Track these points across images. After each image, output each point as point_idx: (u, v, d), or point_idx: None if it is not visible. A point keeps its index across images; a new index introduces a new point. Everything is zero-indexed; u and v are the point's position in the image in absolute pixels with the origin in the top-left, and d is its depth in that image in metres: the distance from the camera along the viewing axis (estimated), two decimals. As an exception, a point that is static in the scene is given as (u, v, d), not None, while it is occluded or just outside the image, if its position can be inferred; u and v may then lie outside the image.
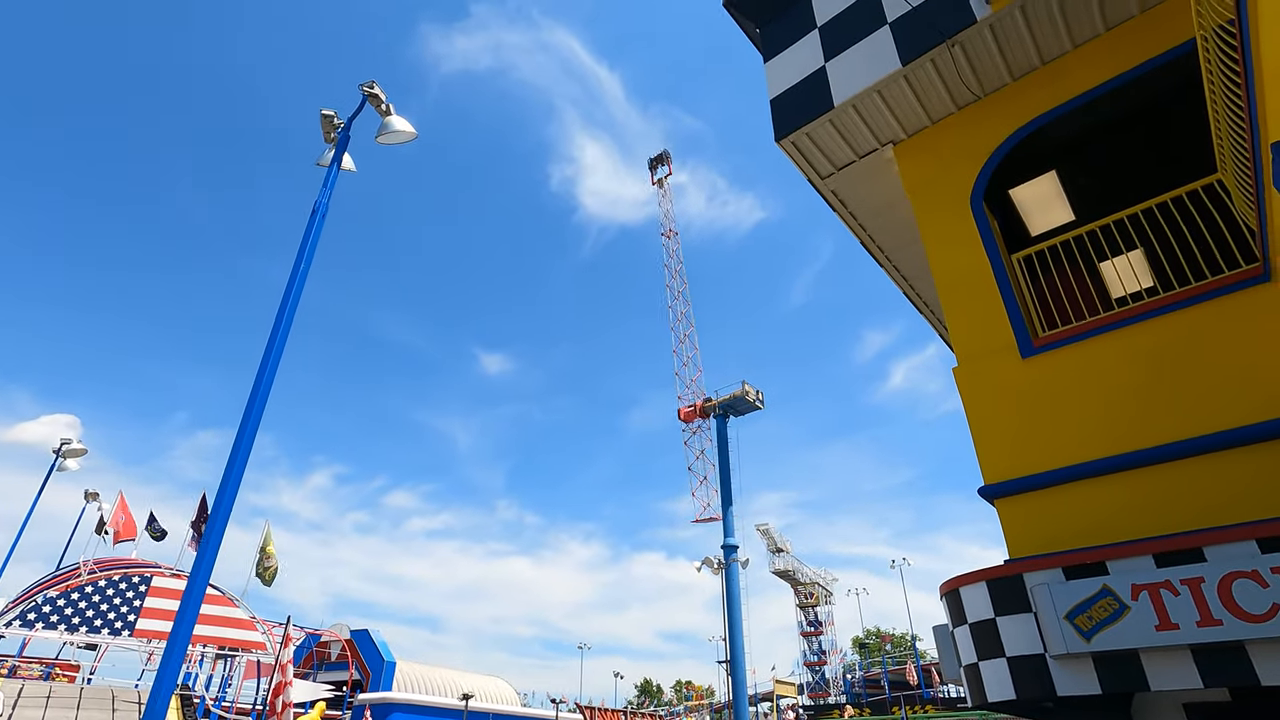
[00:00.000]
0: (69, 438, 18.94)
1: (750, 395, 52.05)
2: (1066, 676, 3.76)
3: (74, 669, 33.96)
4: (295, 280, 6.32)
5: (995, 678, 4.09)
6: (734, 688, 42.76)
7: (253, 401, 5.76)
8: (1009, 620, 4.12)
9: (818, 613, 64.48)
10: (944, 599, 4.67)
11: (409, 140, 7.34)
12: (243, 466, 5.57)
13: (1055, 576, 3.99)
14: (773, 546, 64.24)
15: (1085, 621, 3.72)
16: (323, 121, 7.30)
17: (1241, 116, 3.61)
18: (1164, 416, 4.42)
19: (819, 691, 60.60)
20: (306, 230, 6.65)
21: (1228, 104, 3.74)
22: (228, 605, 19.61)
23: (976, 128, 6.37)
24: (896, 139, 6.83)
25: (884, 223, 7.83)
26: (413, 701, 31.91)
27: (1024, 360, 5.15)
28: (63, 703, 20.56)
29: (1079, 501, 4.51)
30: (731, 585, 45.97)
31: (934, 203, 6.35)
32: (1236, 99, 3.60)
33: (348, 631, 34.90)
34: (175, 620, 5.06)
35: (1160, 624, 3.50)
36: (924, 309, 9.46)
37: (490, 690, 38.22)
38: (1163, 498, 4.22)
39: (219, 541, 5.36)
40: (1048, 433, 4.81)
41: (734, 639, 44.32)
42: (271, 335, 5.95)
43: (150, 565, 20.30)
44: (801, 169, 7.26)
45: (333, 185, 6.96)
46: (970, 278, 5.74)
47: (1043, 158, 6.62)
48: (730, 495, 50.08)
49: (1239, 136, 3.78)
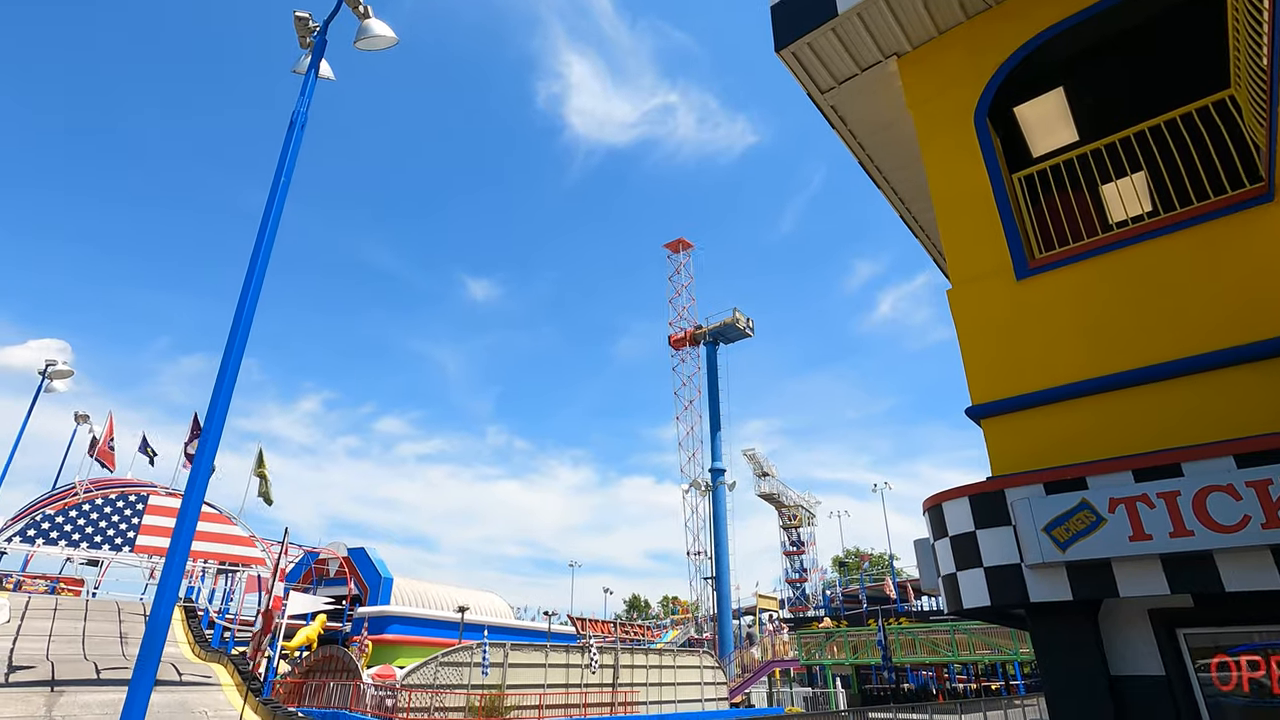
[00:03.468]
0: (54, 360, 18.78)
1: (741, 322, 52.18)
2: (1040, 584, 3.92)
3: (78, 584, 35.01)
4: (275, 195, 6.12)
5: (972, 586, 4.27)
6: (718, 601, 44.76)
7: (238, 319, 5.68)
8: (988, 533, 4.26)
9: (800, 534, 66.99)
10: (926, 513, 4.81)
11: (389, 46, 6.96)
12: (232, 384, 5.55)
13: (1036, 491, 4.10)
14: (758, 471, 65.98)
15: (1062, 533, 3.85)
16: (296, 24, 6.90)
17: (1262, 25, 3.46)
18: (1154, 338, 4.44)
19: (800, 606, 63.68)
20: (285, 142, 6.40)
21: (1250, 12, 3.57)
22: (226, 523, 20.05)
23: (984, 40, 6.10)
24: (901, 51, 6.55)
25: (883, 141, 7.61)
26: (410, 614, 33.25)
27: (1018, 282, 5.12)
28: (70, 614, 21.24)
29: (1064, 421, 4.58)
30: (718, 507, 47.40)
31: (936, 119, 6.15)
32: (1259, 5, 3.44)
33: (345, 550, 35.97)
34: (173, 534, 5.15)
35: (1134, 535, 3.63)
36: (919, 233, 9.34)
37: (484, 604, 39.87)
38: (1145, 418, 4.30)
39: (212, 457, 5.40)
40: (1037, 354, 4.84)
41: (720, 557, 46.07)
42: (254, 250, 5.81)
43: (146, 485, 20.58)
44: (801, 82, 6.98)
45: (310, 94, 6.64)
46: (969, 197, 5.63)
47: (1051, 73, 6.38)
48: (719, 421, 50.96)
49: (1257, 47, 3.64)
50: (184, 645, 20.86)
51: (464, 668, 22.93)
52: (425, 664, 22.51)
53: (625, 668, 29.04)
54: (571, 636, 40.44)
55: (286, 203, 6.31)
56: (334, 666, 23.06)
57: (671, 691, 30.54)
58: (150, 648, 4.81)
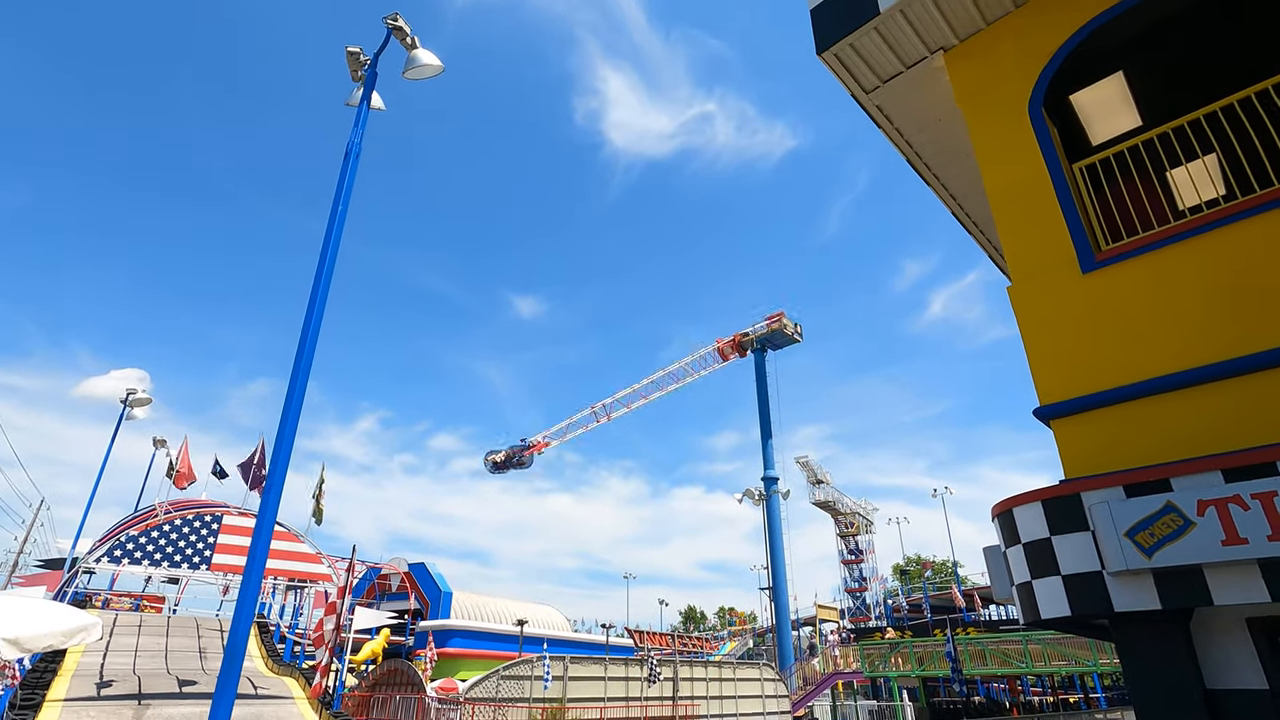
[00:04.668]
0: (134, 388, 19.92)
1: (789, 328, 51.54)
2: (1125, 592, 3.72)
3: (159, 601, 36.79)
4: (334, 222, 6.35)
5: (1049, 595, 4.08)
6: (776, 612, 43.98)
7: (302, 346, 5.90)
8: (1064, 539, 4.07)
9: (858, 541, 65.36)
10: (996, 520, 4.63)
11: (436, 74, 7.18)
12: (298, 409, 5.76)
13: (1116, 494, 3.91)
14: (812, 478, 64.78)
15: (1146, 538, 3.65)
16: (349, 59, 7.18)
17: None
18: (1235, 330, 4.19)
19: (860, 616, 62.07)
20: (341, 172, 6.64)
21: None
22: (294, 541, 20.78)
23: (1035, 27, 5.91)
24: (947, 45, 6.40)
25: (932, 137, 7.43)
26: (471, 628, 33.75)
27: (1084, 275, 4.91)
28: (153, 630, 22.34)
29: (1141, 420, 4.36)
30: (773, 516, 46.70)
31: (988, 112, 5.97)
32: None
33: (405, 565, 36.82)
34: (249, 553, 5.37)
35: (1227, 539, 3.41)
36: (973, 229, 9.07)
37: (542, 617, 40.15)
38: (1231, 414, 4.05)
39: (283, 480, 5.61)
40: (1109, 350, 4.62)
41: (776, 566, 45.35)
42: (316, 278, 6.03)
43: (220, 505, 21.50)
44: (845, 83, 6.89)
45: (364, 124, 6.89)
46: (1028, 191, 5.44)
47: (1109, 58, 6.14)
48: (770, 428, 50.30)
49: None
50: (258, 660, 21.65)
51: (525, 681, 23.11)
52: (487, 677, 22.78)
53: (685, 680, 28.77)
54: (629, 649, 40.35)
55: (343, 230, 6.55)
56: (399, 680, 23.55)
57: (733, 705, 30.09)
58: (231, 663, 5.01)
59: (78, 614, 9.75)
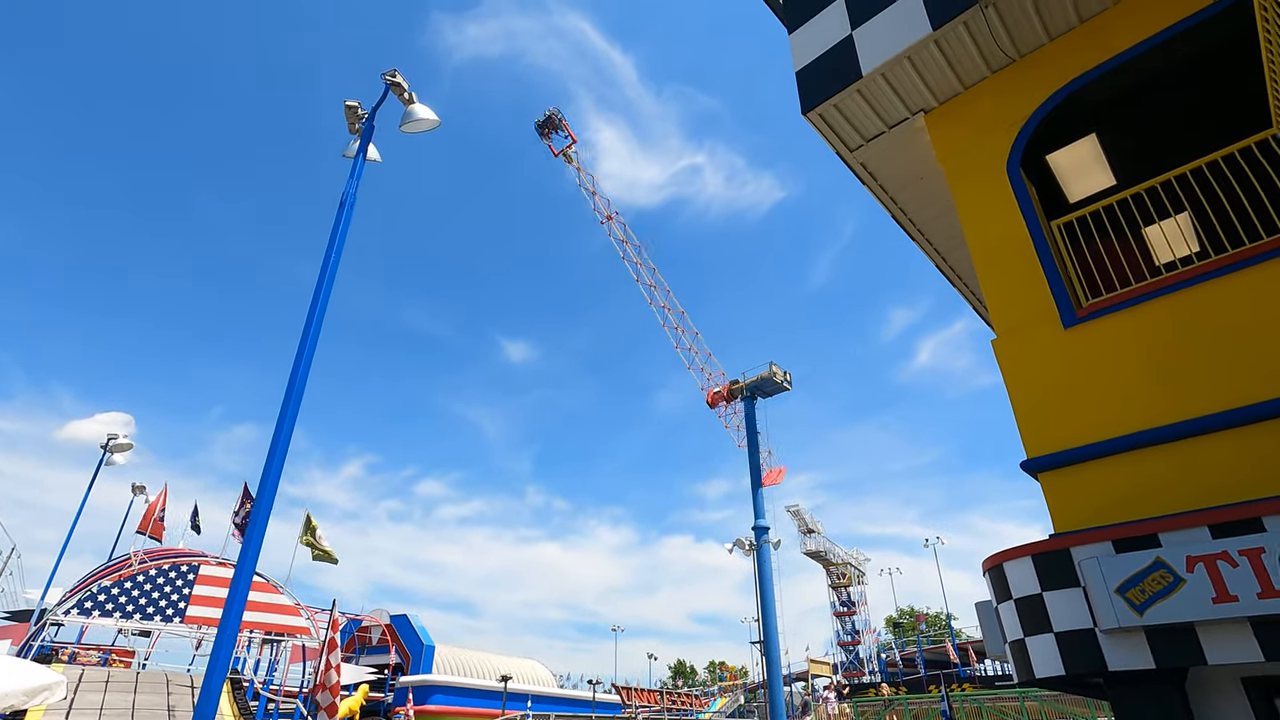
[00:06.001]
0: (115, 433, 19.60)
1: (778, 376, 51.69)
2: (1118, 651, 3.67)
3: (129, 655, 35.36)
4: (326, 271, 6.39)
5: (1042, 653, 4.02)
6: (768, 667, 42.88)
7: (290, 393, 5.85)
8: (1056, 595, 4.03)
9: (850, 593, 64.27)
10: (987, 575, 4.59)
11: (432, 128, 7.34)
12: (283, 456, 5.68)
13: (1104, 550, 3.89)
14: (803, 528, 64.05)
15: (1138, 595, 3.62)
16: (346, 113, 7.34)
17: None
18: (1216, 384, 4.25)
19: (853, 670, 60.56)
20: (335, 221, 6.71)
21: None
22: (273, 592, 20.19)
23: (1012, 92, 6.16)
24: (928, 107, 6.64)
25: (916, 194, 7.64)
26: (453, 683, 32.63)
27: (1066, 330, 5.00)
28: (120, 687, 21.42)
29: (1127, 473, 4.38)
30: (763, 566, 45.95)
31: (968, 172, 6.16)
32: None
33: (387, 617, 35.72)
34: (225, 606, 5.20)
35: (1218, 596, 3.39)
36: (957, 282, 9.24)
37: (527, 672, 38.92)
38: (1216, 468, 4.08)
39: (264, 528, 5.48)
40: (1094, 403, 4.67)
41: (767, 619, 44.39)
42: (305, 326, 6.03)
43: (197, 554, 20.94)
44: (830, 142, 7.10)
45: (359, 176, 7.00)
46: (1008, 248, 5.57)
47: (1082, 120, 6.38)
48: (760, 476, 49.91)
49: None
50: (229, 718, 20.75)
51: (507, 741, 22.22)
52: (468, 737, 21.89)
53: (673, 740, 27.75)
54: (616, 706, 39.01)
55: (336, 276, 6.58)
56: (376, 740, 22.58)
57: (723, 766, 28.98)
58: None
59: (41, 671, 9.37)
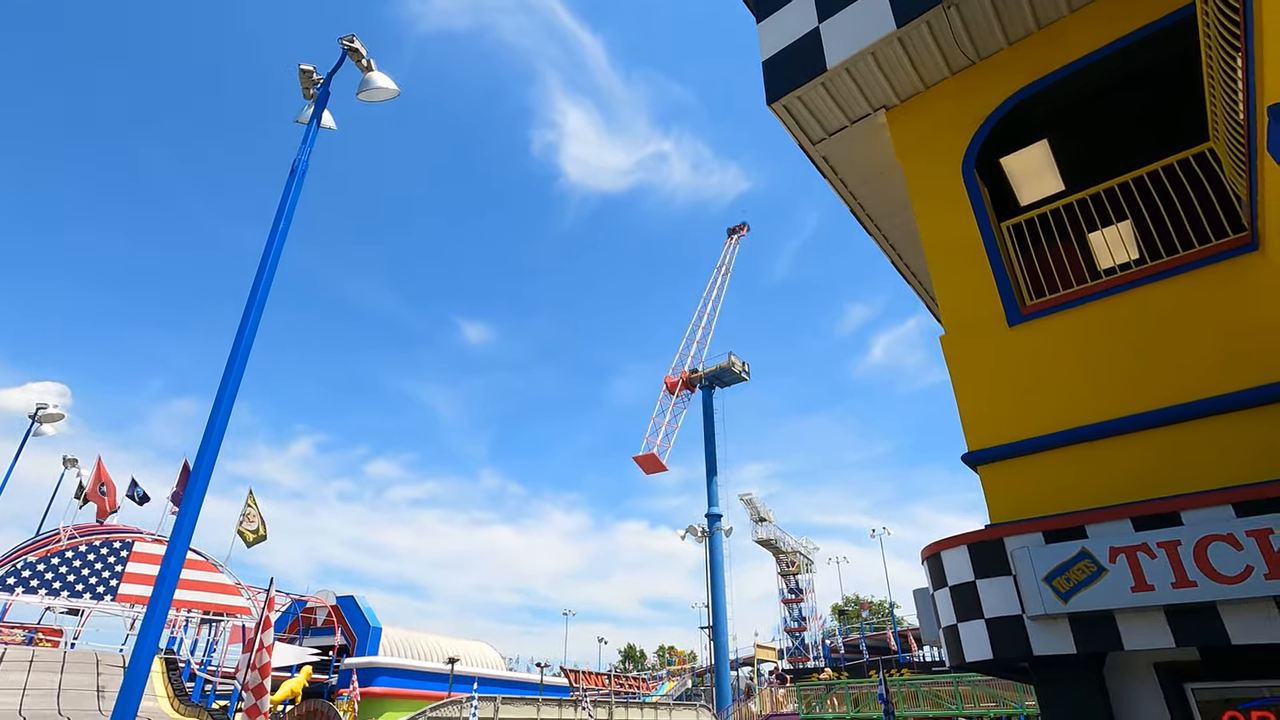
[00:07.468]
0: (45, 403, 18.63)
1: (736, 366, 52.26)
2: (1043, 636, 3.83)
3: (57, 634, 33.96)
4: (274, 240, 6.17)
5: (973, 638, 4.17)
6: (716, 652, 43.61)
7: (232, 363, 5.66)
8: (988, 583, 4.18)
9: (799, 581, 65.77)
10: (925, 562, 4.73)
11: (391, 97, 7.13)
12: (223, 429, 5.49)
13: (1035, 540, 4.05)
14: (755, 516, 65.18)
15: (1063, 583, 3.78)
16: (301, 77, 7.07)
17: (1236, 81, 3.57)
18: (1147, 385, 4.45)
19: (798, 656, 62.10)
20: (285, 189, 6.48)
21: (1224, 67, 3.70)
22: (211, 571, 19.61)
23: (970, 93, 6.29)
24: (889, 104, 6.74)
25: (874, 189, 7.76)
26: (399, 665, 32.27)
27: (1010, 328, 5.16)
28: (46, 666, 20.55)
29: (1061, 468, 4.55)
30: (715, 553, 46.61)
31: (925, 169, 6.28)
32: (1232, 63, 3.56)
33: (334, 598, 35.05)
34: (156, 583, 5.02)
35: (1136, 585, 3.56)
36: (911, 279, 9.45)
37: (475, 655, 38.75)
38: (1142, 464, 4.27)
39: (199, 504, 5.30)
40: (1032, 400, 4.84)
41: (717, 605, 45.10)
42: (250, 295, 5.82)
43: (131, 531, 20.17)
44: (793, 133, 7.15)
45: (312, 143, 6.77)
46: (960, 246, 5.71)
47: (1035, 126, 6.56)
48: (715, 465, 50.50)
49: (1232, 102, 3.75)
50: (163, 699, 20.15)
51: (453, 722, 22.14)
52: (413, 719, 21.74)
53: (620, 722, 28.07)
54: (564, 689, 39.20)
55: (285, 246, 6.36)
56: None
57: (668, 748, 29.45)
58: (126, 702, 4.63)
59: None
